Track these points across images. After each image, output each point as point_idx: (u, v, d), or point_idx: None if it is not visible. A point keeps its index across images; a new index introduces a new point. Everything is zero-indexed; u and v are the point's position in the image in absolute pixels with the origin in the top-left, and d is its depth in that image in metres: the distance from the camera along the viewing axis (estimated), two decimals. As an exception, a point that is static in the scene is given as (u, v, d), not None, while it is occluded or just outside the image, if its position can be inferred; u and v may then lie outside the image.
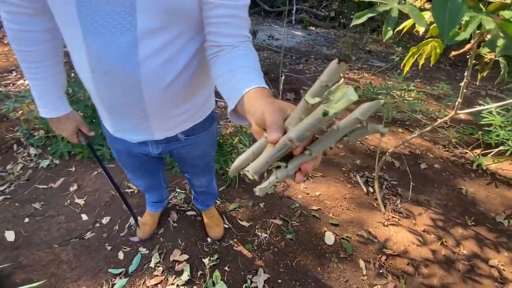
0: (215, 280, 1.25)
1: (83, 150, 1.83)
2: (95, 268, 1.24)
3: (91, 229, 1.41)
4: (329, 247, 1.47)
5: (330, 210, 1.70)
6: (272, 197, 1.74)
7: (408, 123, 2.78)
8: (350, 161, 2.14)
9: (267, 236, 1.48)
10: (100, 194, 1.60)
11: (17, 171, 1.75)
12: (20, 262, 1.22)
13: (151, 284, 1.20)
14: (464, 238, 1.61)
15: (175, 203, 1.60)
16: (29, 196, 1.58)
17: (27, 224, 1.40)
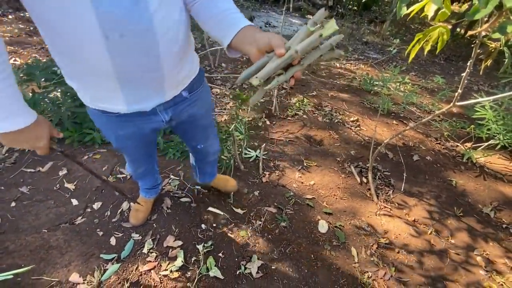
0: (209, 266, 1.24)
1: (73, 134, 1.77)
2: (86, 254, 1.21)
3: (82, 214, 1.38)
4: (322, 235, 1.48)
5: (324, 199, 1.71)
6: (266, 186, 1.74)
7: (402, 115, 2.80)
8: (344, 152, 2.15)
9: (261, 224, 1.48)
10: (91, 179, 1.56)
11: (2, 154, 1.68)
12: (7, 247, 1.18)
13: (144, 270, 1.19)
14: (453, 228, 1.66)
15: (169, 190, 1.57)
16: (15, 180, 1.52)
17: (13, 209, 1.35)
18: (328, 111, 2.66)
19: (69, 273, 1.14)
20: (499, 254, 1.53)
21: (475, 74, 4.59)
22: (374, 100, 2.98)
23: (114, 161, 1.70)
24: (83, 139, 1.79)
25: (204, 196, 1.58)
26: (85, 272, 1.15)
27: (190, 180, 1.66)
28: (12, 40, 3.23)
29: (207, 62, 3.47)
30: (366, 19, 7.23)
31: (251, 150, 1.99)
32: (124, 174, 1.63)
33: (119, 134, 0.89)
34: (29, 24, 3.78)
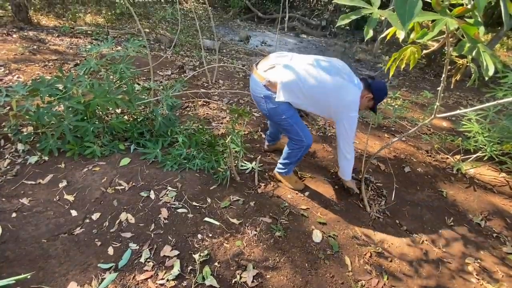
0: (205, 275, 1.26)
1: (74, 147, 1.82)
2: (84, 263, 1.23)
3: (81, 225, 1.41)
4: (317, 244, 1.52)
5: (318, 210, 1.76)
6: (262, 196, 1.78)
7: (393, 129, 2.89)
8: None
9: (256, 233, 1.51)
10: (90, 191, 1.60)
11: (4, 166, 1.72)
12: (7, 256, 1.20)
13: (141, 279, 1.21)
14: (445, 237, 1.70)
15: (166, 201, 1.61)
16: (16, 191, 1.56)
17: (14, 219, 1.38)
18: (321, 125, 2.75)
19: (67, 282, 1.15)
20: (490, 262, 1.56)
21: (465, 90, 4.78)
22: (365, 114, 3.08)
23: (113, 173, 1.74)
24: (83, 152, 1.84)
25: (200, 207, 1.62)
26: (83, 281, 1.17)
27: (187, 192, 1.70)
28: (16, 58, 3.35)
29: (205, 78, 3.59)
30: (358, 38, 7.55)
31: (247, 162, 2.04)
32: (123, 186, 1.68)
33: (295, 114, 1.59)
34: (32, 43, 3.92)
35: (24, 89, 1.69)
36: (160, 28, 5.99)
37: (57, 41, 4.23)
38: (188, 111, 2.74)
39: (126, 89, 1.98)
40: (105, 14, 6.19)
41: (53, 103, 1.74)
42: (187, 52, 4.82)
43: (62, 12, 6.02)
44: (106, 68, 2.92)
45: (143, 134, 2.09)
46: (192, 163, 1.92)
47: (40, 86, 1.68)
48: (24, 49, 3.59)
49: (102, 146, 1.92)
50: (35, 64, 3.19)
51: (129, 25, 5.89)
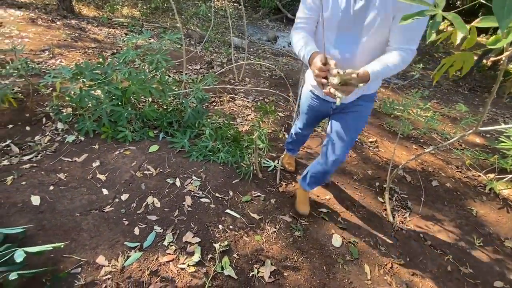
0: (224, 265, 1.29)
1: (108, 130, 1.92)
2: (112, 239, 1.30)
3: (111, 204, 1.48)
4: (336, 249, 1.49)
5: (339, 214, 1.73)
6: (282, 195, 1.78)
7: (422, 140, 2.79)
8: (361, 171, 2.16)
9: (276, 231, 1.52)
10: (121, 173, 1.68)
11: (45, 142, 1.84)
12: (44, 225, 1.29)
13: (163, 261, 1.25)
14: (470, 257, 1.61)
15: (191, 189, 1.65)
16: (54, 166, 1.66)
17: (51, 192, 1.47)
18: (347, 130, 2.70)
19: (96, 255, 1.22)
20: (521, 290, 1.47)
21: (501, 106, 4.50)
22: (394, 123, 2.99)
23: (142, 158, 1.82)
24: (116, 135, 1.93)
25: (222, 199, 1.65)
26: (110, 256, 1.23)
27: (210, 183, 1.74)
28: (60, 43, 3.57)
29: (232, 75, 3.64)
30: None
31: (269, 160, 2.05)
32: (151, 171, 1.74)
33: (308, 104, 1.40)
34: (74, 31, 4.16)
35: (70, 72, 1.80)
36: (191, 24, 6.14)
37: (96, 30, 4.46)
38: (214, 105, 2.79)
39: (159, 79, 2.06)
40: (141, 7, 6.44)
41: (93, 87, 1.85)
42: (216, 49, 4.91)
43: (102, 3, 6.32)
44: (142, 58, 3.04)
45: (172, 124, 2.16)
46: (216, 155, 1.95)
47: (84, 70, 1.79)
48: (66, 36, 3.82)
49: (133, 132, 2.01)
50: (76, 51, 3.38)
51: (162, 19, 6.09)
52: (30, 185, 1.49)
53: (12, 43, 3.17)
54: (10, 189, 1.43)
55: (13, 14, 4.20)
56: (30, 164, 1.66)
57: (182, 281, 1.20)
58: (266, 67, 4.32)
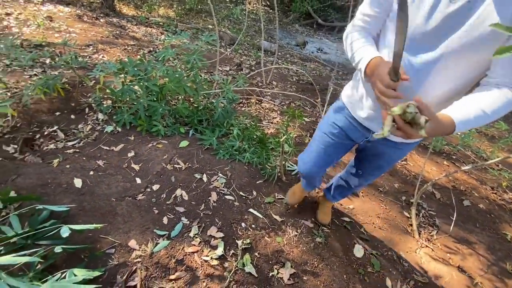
0: (245, 262, 1.32)
1: (143, 124, 2.04)
2: (143, 226, 1.38)
3: (143, 192, 1.57)
4: (357, 259, 1.48)
5: (362, 225, 1.70)
6: (305, 201, 1.79)
7: (455, 157, 2.66)
8: (388, 183, 2.11)
9: (297, 235, 1.53)
10: (153, 164, 1.77)
11: (87, 131, 1.99)
12: (84, 206, 1.40)
13: (188, 251, 1.31)
14: (502, 284, 1.52)
15: (216, 186, 1.71)
16: (94, 153, 1.80)
17: (91, 176, 1.60)
18: (374, 140, 2.65)
19: (129, 239, 1.30)
20: (559, 326, 1.36)
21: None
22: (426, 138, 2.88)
23: (172, 152, 1.91)
24: (150, 129, 2.04)
25: (246, 198, 1.69)
26: (141, 241, 1.31)
27: (235, 181, 1.79)
28: (102, 39, 3.83)
29: (260, 78, 3.70)
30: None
31: (293, 164, 2.06)
32: (180, 165, 1.82)
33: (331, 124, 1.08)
34: (115, 28, 4.44)
35: (115, 67, 1.93)
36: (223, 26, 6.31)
37: (135, 29, 4.72)
38: (241, 106, 2.85)
39: (193, 78, 2.15)
40: (176, 8, 6.72)
41: (134, 82, 1.97)
42: (245, 51, 5.01)
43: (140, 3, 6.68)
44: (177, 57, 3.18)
45: (202, 122, 2.24)
46: (242, 155, 2.00)
47: (128, 66, 1.92)
48: (109, 33, 4.08)
49: (165, 127, 2.11)
50: (117, 47, 3.61)
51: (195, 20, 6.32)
52: (73, 168, 1.62)
53: (61, 37, 3.46)
54: (56, 171, 1.57)
55: (62, 10, 4.56)
56: (73, 149, 1.81)
57: (205, 272, 1.25)
58: (293, 72, 4.34)
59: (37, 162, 1.65)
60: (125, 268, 1.20)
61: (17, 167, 1.53)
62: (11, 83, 2.17)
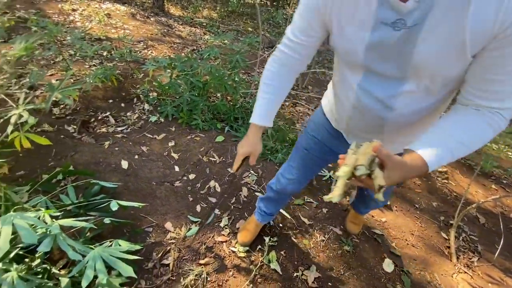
0: (271, 258, 1.34)
1: (184, 117, 2.16)
2: (178, 211, 1.47)
3: (180, 180, 1.67)
4: (387, 274, 1.42)
5: (393, 240, 1.63)
6: (335, 207, 1.76)
7: (505, 182, 2.43)
8: (425, 201, 2.00)
9: (324, 240, 1.51)
10: (191, 155, 1.87)
11: (134, 119, 2.17)
12: (128, 186, 1.53)
13: (218, 240, 1.37)
14: (554, 328, 1.36)
15: (248, 182, 1.76)
16: (139, 140, 1.95)
17: (136, 160, 1.73)
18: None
19: (165, 221, 1.40)
20: None
21: None
22: (471, 156, 2.67)
23: (209, 145, 2.00)
24: (190, 122, 2.16)
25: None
26: (176, 225, 1.39)
27: (266, 180, 1.82)
28: (152, 37, 4.12)
29: (295, 82, 3.71)
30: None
31: (325, 169, 2.04)
32: (215, 158, 1.90)
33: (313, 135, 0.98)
34: (163, 27, 4.75)
35: (165, 62, 2.08)
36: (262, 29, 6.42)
37: (181, 28, 5.00)
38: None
39: (234, 77, 2.23)
40: (219, 10, 6.99)
41: (181, 77, 2.10)
42: (283, 55, 5.03)
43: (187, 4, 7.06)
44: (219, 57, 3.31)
45: (238, 120, 2.32)
46: (274, 155, 2.03)
47: (176, 61, 2.06)
48: (158, 31, 4.38)
49: (204, 122, 2.22)
50: (164, 44, 3.86)
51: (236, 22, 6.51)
52: (121, 151, 1.78)
53: (117, 32, 3.78)
54: (106, 152, 1.73)
55: (119, 9, 4.98)
56: (121, 134, 1.98)
57: (232, 262, 1.30)
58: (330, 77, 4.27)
59: (91, 142, 1.84)
60: (160, 247, 1.28)
61: (75, 145, 1.72)
62: (74, 71, 2.43)
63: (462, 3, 0.48)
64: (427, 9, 0.50)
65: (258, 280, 1.25)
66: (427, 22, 0.51)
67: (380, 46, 0.59)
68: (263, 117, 0.82)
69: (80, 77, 2.41)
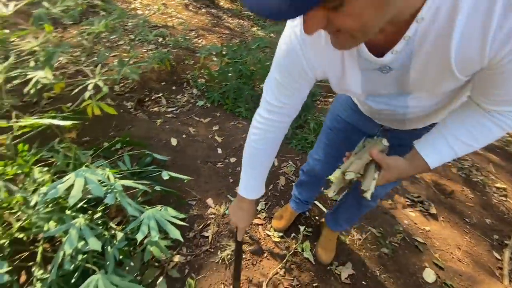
0: (305, 248, 1.35)
1: (229, 104, 2.24)
2: (219, 190, 1.54)
3: (222, 161, 1.75)
4: (426, 283, 1.34)
5: (437, 251, 1.53)
6: (376, 209, 1.70)
7: None
8: (477, 216, 1.83)
9: (361, 239, 1.47)
10: (233, 140, 1.94)
11: (183, 101, 2.30)
12: (176, 161, 1.64)
13: (254, 223, 1.41)
14: None
15: (286, 172, 1.77)
16: (187, 121, 2.07)
17: (184, 139, 1.85)
18: (467, 166, 2.30)
19: (207, 197, 1.48)
20: None
21: None
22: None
23: (250, 133, 2.04)
24: (234, 109, 2.23)
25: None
26: (216, 202, 1.47)
27: (305, 172, 1.81)
28: (203, 27, 4.29)
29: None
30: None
31: (367, 170, 1.97)
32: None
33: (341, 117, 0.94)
34: (213, 18, 4.91)
35: (218, 49, 2.17)
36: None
37: (229, 20, 5.12)
38: (318, 104, 2.84)
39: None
40: (268, 4, 6.99)
41: (230, 64, 2.18)
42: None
43: (236, -3, 7.19)
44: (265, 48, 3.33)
45: (280, 111, 2.33)
46: (314, 150, 2.01)
47: (228, 49, 2.13)
48: (208, 22, 4.55)
49: (247, 110, 2.27)
50: (214, 34, 4.00)
51: (284, 17, 6.47)
52: (171, 130, 1.90)
53: (172, 21, 4.01)
54: (158, 129, 1.87)
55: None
56: (171, 114, 2.11)
57: (266, 245, 1.33)
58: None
59: (145, 119, 2.00)
60: (201, 220, 1.36)
61: (131, 120, 1.88)
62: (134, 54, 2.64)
63: (443, 47, 0.44)
64: (408, 54, 0.48)
65: (290, 266, 1.27)
66: (413, 62, 0.50)
67: (375, 84, 0.59)
68: (253, 191, 0.82)
69: (138, 59, 2.62)
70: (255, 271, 1.22)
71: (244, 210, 0.86)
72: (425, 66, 0.49)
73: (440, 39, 0.44)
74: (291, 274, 1.24)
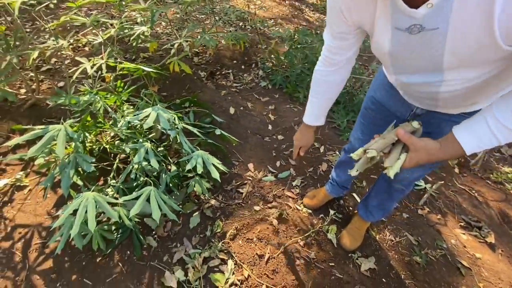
0: (330, 230, 1.37)
1: (289, 88, 2.32)
2: (261, 159, 1.66)
3: (270, 137, 1.86)
4: (459, 307, 1.21)
5: (482, 281, 1.35)
6: (419, 219, 1.57)
7: None
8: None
9: (394, 241, 1.40)
10: (285, 121, 2.03)
11: (248, 80, 2.48)
12: (230, 127, 1.83)
13: (287, 194, 1.49)
14: None
15: (329, 159, 1.78)
16: (247, 97, 2.24)
17: (241, 110, 2.03)
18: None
19: (249, 162, 1.62)
20: None
21: None
22: None
23: (303, 118, 2.09)
24: (293, 94, 2.30)
25: (353, 183, 1.67)
26: (255, 168, 1.60)
27: (349, 165, 1.78)
28: (282, 16, 4.41)
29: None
30: None
31: (421, 180, 1.81)
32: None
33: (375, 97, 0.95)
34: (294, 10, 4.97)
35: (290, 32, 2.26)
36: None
37: (310, 14, 5.12)
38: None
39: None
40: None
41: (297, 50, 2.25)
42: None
43: (323, -7, 7.06)
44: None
45: (339, 103, 2.30)
46: (365, 147, 1.95)
47: (299, 34, 2.20)
48: (289, 12, 4.65)
49: (305, 97, 2.32)
50: (291, 24, 4.09)
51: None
52: (231, 101, 2.10)
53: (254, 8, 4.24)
54: (222, 98, 2.09)
55: (261, -11, 5.50)
56: (235, 89, 2.31)
57: (293, 217, 1.40)
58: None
59: (212, 88, 2.25)
60: (240, 179, 1.51)
61: (202, 86, 2.14)
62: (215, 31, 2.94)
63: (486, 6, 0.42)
64: (447, 13, 0.47)
65: (311, 242, 1.31)
66: (450, 20, 0.47)
67: (402, 50, 0.59)
68: (313, 118, 0.93)
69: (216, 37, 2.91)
70: (275, 235, 1.31)
71: (303, 134, 1.00)
72: (463, 28, 0.47)
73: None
74: (309, 248, 1.29)
